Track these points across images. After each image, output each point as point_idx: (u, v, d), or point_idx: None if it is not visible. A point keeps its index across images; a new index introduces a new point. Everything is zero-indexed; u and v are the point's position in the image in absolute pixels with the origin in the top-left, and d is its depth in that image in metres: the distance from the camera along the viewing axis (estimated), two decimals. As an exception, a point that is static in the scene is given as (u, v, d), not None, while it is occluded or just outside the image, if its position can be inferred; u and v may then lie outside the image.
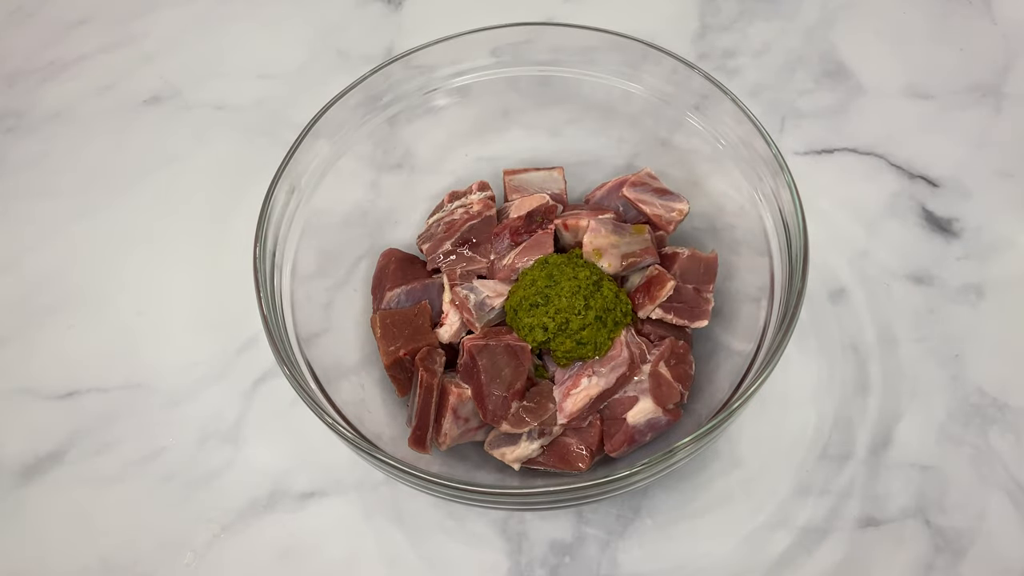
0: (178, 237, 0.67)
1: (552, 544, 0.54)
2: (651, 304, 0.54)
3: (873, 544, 0.53)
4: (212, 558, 0.55)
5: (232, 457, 0.58)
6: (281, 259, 0.53)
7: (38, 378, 0.62)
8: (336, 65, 0.75)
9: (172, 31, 0.79)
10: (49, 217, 0.69)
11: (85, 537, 0.56)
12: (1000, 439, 0.54)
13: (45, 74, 0.77)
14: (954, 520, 0.53)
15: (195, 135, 0.73)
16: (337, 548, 0.55)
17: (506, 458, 0.52)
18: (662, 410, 0.52)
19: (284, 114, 0.73)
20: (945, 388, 0.57)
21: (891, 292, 0.61)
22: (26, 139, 0.74)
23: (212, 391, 0.61)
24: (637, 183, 0.59)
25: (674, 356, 0.54)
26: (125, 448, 0.59)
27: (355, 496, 0.56)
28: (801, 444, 0.56)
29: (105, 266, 0.67)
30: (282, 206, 0.54)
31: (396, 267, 0.58)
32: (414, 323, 0.55)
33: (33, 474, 0.58)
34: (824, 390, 0.58)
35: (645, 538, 0.54)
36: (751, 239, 0.55)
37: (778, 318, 0.49)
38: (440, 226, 0.59)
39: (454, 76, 0.59)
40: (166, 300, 0.64)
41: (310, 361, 0.51)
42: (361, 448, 0.45)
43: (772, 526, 0.53)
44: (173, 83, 0.76)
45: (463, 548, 0.54)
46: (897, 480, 0.54)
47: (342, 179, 0.58)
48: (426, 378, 0.51)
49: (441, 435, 0.52)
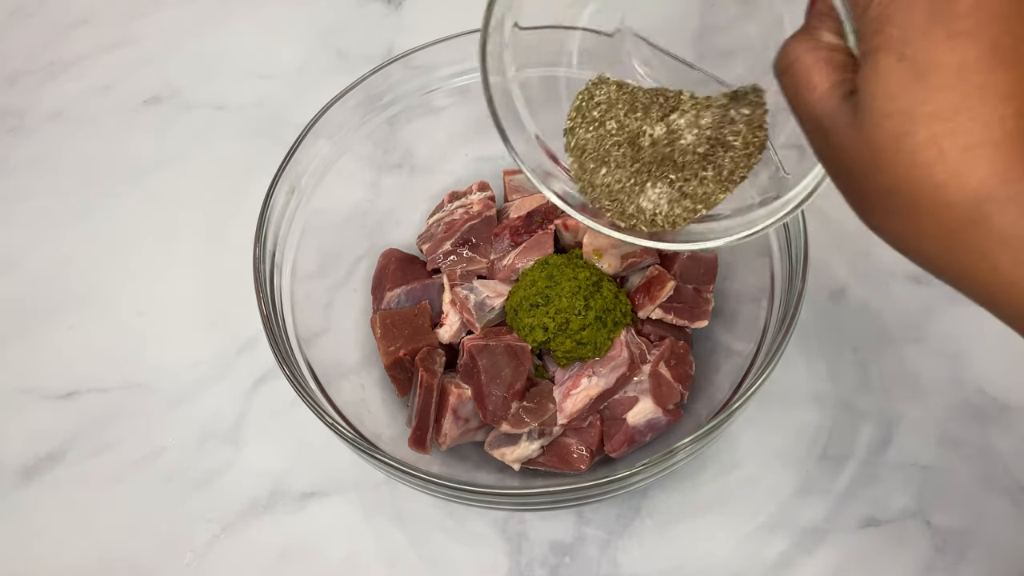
0: (178, 237, 0.67)
1: (552, 544, 0.54)
2: (651, 304, 0.54)
3: (873, 544, 0.53)
4: (212, 558, 0.55)
5: (232, 457, 0.58)
6: (281, 259, 0.53)
7: (38, 378, 0.62)
8: (336, 65, 0.75)
9: (172, 31, 0.79)
10: (49, 217, 0.69)
11: (85, 537, 0.56)
12: (1000, 439, 0.54)
13: (45, 74, 0.77)
14: (954, 520, 0.53)
15: (195, 135, 0.73)
16: (337, 548, 0.55)
17: (506, 458, 0.52)
18: (662, 410, 0.52)
19: (284, 114, 0.73)
20: (945, 388, 0.56)
21: (891, 292, 0.61)
22: (26, 139, 0.74)
23: (212, 391, 0.61)
24: (637, 183, 0.59)
25: (674, 356, 0.54)
26: (125, 448, 0.59)
27: (355, 496, 0.56)
28: (801, 444, 0.56)
29: (105, 266, 0.67)
30: (282, 206, 0.54)
31: (396, 267, 0.58)
32: (414, 323, 0.55)
33: (33, 474, 0.58)
34: (824, 390, 0.58)
35: (645, 538, 0.54)
36: (751, 239, 0.55)
37: (778, 318, 0.49)
38: (440, 226, 0.59)
39: (454, 76, 0.59)
40: (166, 300, 0.64)
41: (310, 361, 0.51)
42: (361, 448, 0.45)
43: (772, 526, 0.53)
44: (173, 83, 0.76)
45: (463, 548, 0.54)
46: (897, 480, 0.54)
47: (342, 179, 0.58)
48: (426, 378, 0.51)
49: (441, 435, 0.52)
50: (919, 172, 0.25)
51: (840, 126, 0.27)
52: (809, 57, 0.28)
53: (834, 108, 0.27)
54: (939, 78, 0.24)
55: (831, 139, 0.28)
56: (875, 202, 0.27)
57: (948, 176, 0.24)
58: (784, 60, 0.29)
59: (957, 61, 0.24)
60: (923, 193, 0.25)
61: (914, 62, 0.24)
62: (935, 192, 0.25)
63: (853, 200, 0.28)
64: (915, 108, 0.25)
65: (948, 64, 0.24)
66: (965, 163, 0.24)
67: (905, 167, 0.25)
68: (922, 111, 0.24)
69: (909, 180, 0.25)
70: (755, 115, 0.43)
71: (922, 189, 0.25)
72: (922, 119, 0.24)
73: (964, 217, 0.24)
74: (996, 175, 0.24)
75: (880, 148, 0.26)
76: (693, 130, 0.44)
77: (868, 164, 0.26)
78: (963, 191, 0.24)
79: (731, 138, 0.43)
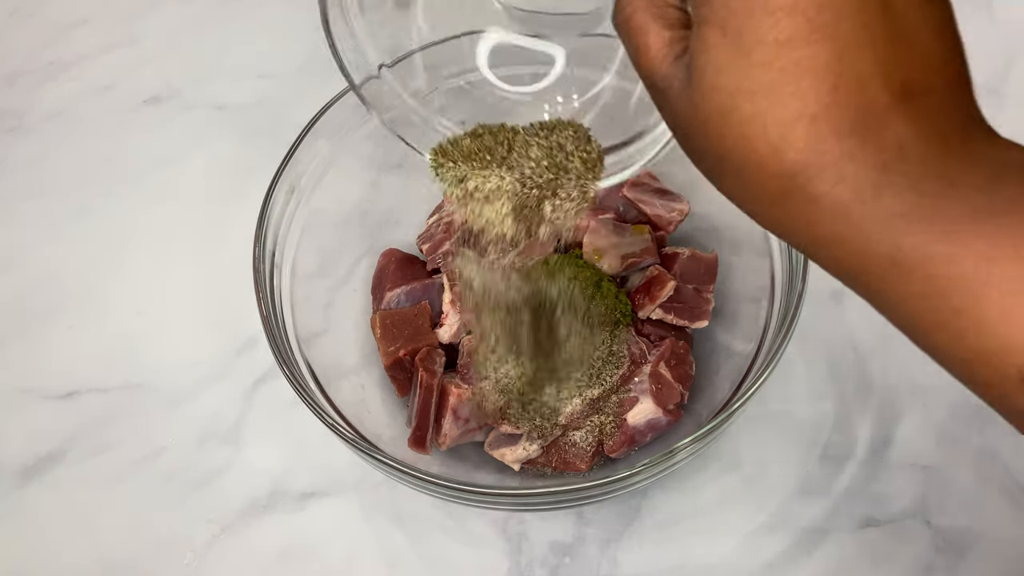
0: (178, 237, 0.67)
1: (552, 544, 0.54)
2: (651, 304, 0.54)
3: (873, 544, 0.53)
4: (212, 558, 0.55)
5: (232, 457, 0.58)
6: (281, 259, 0.53)
7: (38, 378, 0.62)
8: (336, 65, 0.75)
9: (172, 31, 0.79)
10: (49, 217, 0.69)
11: (85, 537, 0.56)
12: (1000, 439, 0.54)
13: (45, 74, 0.77)
14: (954, 520, 0.53)
15: (195, 135, 0.73)
16: (337, 548, 0.55)
17: (506, 458, 0.52)
18: (662, 410, 0.52)
19: (284, 114, 0.72)
20: (945, 388, 0.56)
21: (891, 292, 0.61)
22: (26, 139, 0.74)
23: (212, 391, 0.61)
24: (637, 183, 0.59)
25: (674, 356, 0.54)
26: (125, 448, 0.59)
27: (355, 496, 0.56)
28: (801, 444, 0.56)
29: (105, 266, 0.67)
30: (282, 206, 0.54)
31: (396, 267, 0.58)
32: (414, 323, 0.55)
33: (33, 474, 0.58)
34: (824, 390, 0.58)
35: (645, 538, 0.54)
36: (751, 239, 0.55)
37: (778, 318, 0.49)
38: (440, 226, 0.59)
39: (454, 76, 0.59)
40: (166, 300, 0.64)
41: (310, 361, 0.51)
42: (361, 448, 0.45)
43: (772, 526, 0.53)
44: (173, 83, 0.76)
45: (463, 548, 0.54)
46: (897, 480, 0.54)
47: (342, 179, 0.58)
48: (426, 378, 0.51)
49: (441, 435, 0.52)
50: (744, 144, 0.26)
51: (673, 90, 0.28)
52: (644, 15, 0.29)
53: (667, 70, 0.28)
54: (760, 55, 0.25)
55: (665, 100, 0.29)
56: (709, 164, 0.28)
57: (769, 150, 0.25)
58: (620, 15, 0.30)
59: (775, 37, 0.25)
60: (748, 164, 0.26)
61: (737, 37, 0.25)
62: (758, 165, 0.26)
63: (691, 157, 0.29)
64: (739, 84, 0.25)
65: (767, 40, 0.25)
66: (783, 138, 0.25)
67: (732, 139, 0.26)
68: (746, 86, 0.25)
69: (736, 150, 0.26)
70: (580, 131, 0.42)
71: (747, 161, 0.26)
72: (746, 95, 0.25)
73: (783, 187, 0.26)
74: (810, 148, 0.25)
75: (708, 118, 0.27)
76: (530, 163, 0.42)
77: (699, 130, 0.27)
78: (782, 164, 0.25)
79: (567, 162, 0.42)
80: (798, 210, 0.26)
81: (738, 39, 0.25)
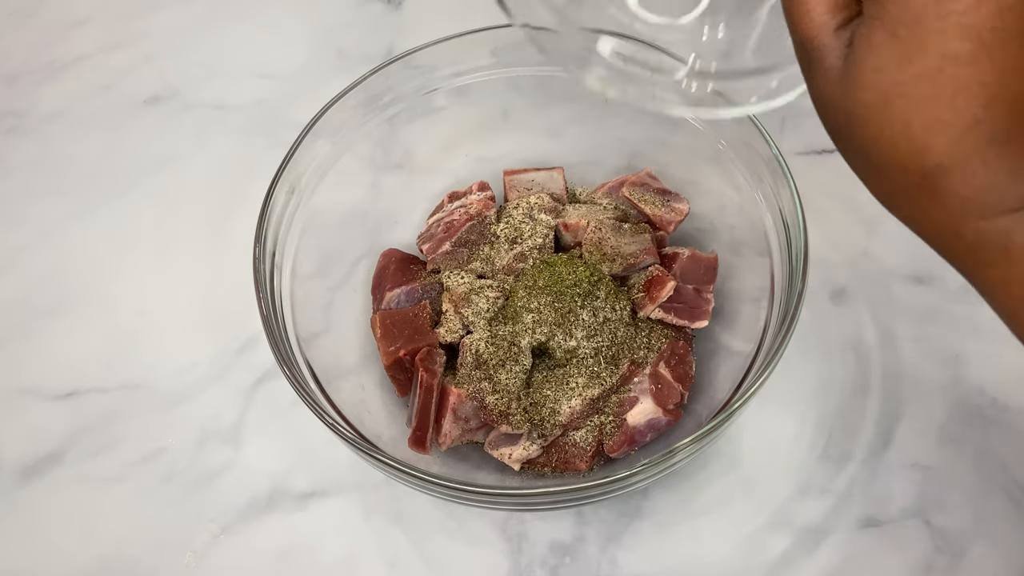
0: (178, 237, 0.67)
1: (552, 544, 0.54)
2: (651, 304, 0.54)
3: (873, 544, 0.53)
4: (212, 558, 0.55)
5: (232, 457, 0.58)
6: (281, 259, 0.53)
7: (38, 378, 0.62)
8: (336, 65, 0.75)
9: (172, 31, 0.79)
10: (49, 217, 0.69)
11: (85, 537, 0.56)
12: (1000, 439, 0.54)
13: (45, 74, 0.77)
14: (954, 520, 0.53)
15: (195, 135, 0.73)
16: (337, 548, 0.55)
17: (506, 459, 0.52)
18: (662, 410, 0.52)
19: (284, 114, 0.73)
20: (945, 388, 0.56)
21: (891, 292, 0.61)
22: (26, 139, 0.74)
23: (212, 391, 0.60)
24: (637, 183, 0.59)
25: (674, 356, 0.54)
26: (125, 448, 0.59)
27: (355, 496, 0.56)
28: (801, 444, 0.56)
29: (105, 266, 0.67)
30: (282, 206, 0.54)
31: (396, 267, 0.58)
32: (414, 323, 0.55)
33: (33, 474, 0.58)
34: (824, 390, 0.58)
35: (645, 538, 0.54)
36: (751, 239, 0.55)
37: (778, 318, 0.49)
38: (440, 226, 0.59)
39: (454, 76, 0.59)
40: (166, 300, 0.64)
41: (310, 361, 0.51)
42: (361, 448, 0.45)
43: (772, 526, 0.53)
44: (173, 83, 0.76)
45: (463, 548, 0.54)
46: (897, 480, 0.54)
47: (342, 179, 0.58)
48: (426, 378, 0.51)
49: (441, 435, 0.52)
50: (886, 142, 0.28)
51: (826, 63, 0.29)
52: None
53: (826, 40, 0.29)
54: (922, 65, 0.26)
55: (815, 69, 0.30)
56: (843, 144, 0.30)
57: (911, 151, 0.27)
58: None
59: (943, 52, 0.26)
60: (885, 158, 0.28)
61: (905, 44, 0.26)
62: (896, 160, 0.28)
63: (824, 125, 0.31)
64: (896, 87, 0.27)
65: (933, 52, 0.26)
66: (927, 142, 0.27)
67: (875, 132, 0.28)
68: (902, 91, 0.27)
69: (878, 142, 0.28)
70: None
71: (885, 155, 0.28)
72: (901, 99, 0.27)
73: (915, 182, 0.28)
74: (950, 153, 0.27)
75: (856, 107, 0.28)
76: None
77: (841, 112, 0.29)
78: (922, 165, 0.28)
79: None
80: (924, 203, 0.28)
81: (906, 46, 0.26)
